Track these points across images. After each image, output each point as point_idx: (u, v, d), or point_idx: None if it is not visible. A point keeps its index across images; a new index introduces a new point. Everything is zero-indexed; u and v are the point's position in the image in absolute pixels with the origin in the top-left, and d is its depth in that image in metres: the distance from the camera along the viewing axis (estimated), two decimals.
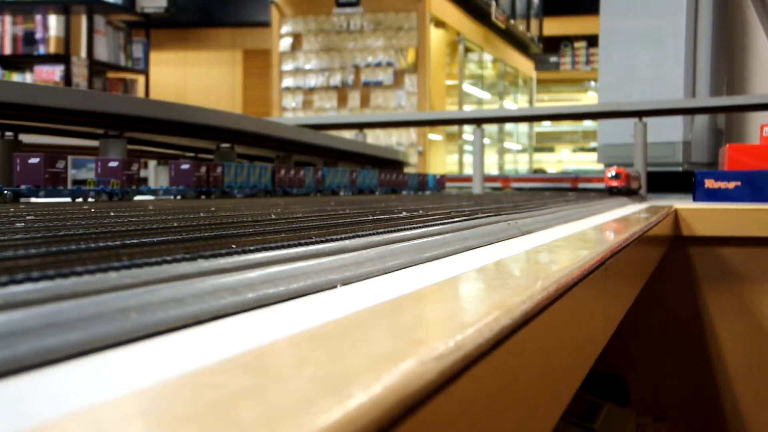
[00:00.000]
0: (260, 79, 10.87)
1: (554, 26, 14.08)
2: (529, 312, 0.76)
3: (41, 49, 8.19)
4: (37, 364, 0.48)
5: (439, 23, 9.57)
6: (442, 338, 0.56)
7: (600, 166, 6.11)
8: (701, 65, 5.75)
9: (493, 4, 10.46)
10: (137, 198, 2.31)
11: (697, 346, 3.41)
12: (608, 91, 6.03)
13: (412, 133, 8.93)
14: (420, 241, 1.18)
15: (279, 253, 0.86)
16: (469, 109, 10.62)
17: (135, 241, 0.87)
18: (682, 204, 3.38)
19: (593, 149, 11.81)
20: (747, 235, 3.22)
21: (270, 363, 0.52)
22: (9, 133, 2.36)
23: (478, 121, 5.22)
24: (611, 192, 3.77)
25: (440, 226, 1.36)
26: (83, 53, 8.18)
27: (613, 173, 3.78)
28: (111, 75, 8.88)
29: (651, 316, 3.45)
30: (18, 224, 1.11)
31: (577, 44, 14.92)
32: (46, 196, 2.01)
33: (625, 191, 3.86)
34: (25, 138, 2.48)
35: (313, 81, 9.18)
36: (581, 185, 5.76)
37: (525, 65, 13.57)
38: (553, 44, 14.67)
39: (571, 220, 2.19)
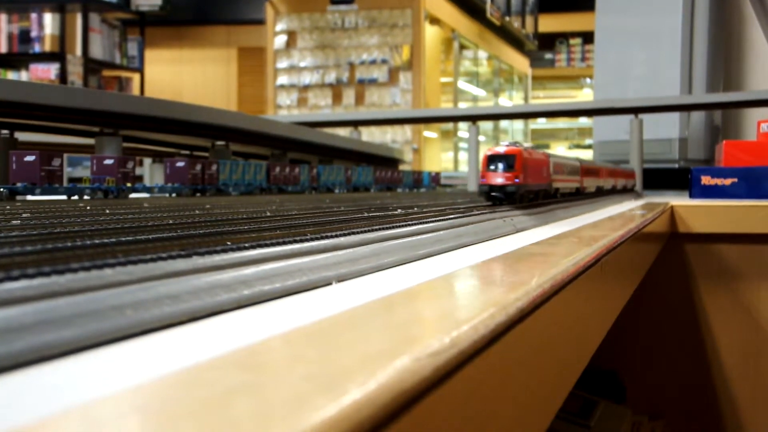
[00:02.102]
0: (255, 77, 10.85)
1: (549, 23, 14.07)
2: (524, 309, 0.76)
3: (36, 48, 8.19)
4: (32, 361, 0.48)
5: (434, 20, 9.56)
6: (436, 335, 0.56)
7: None
8: (697, 61, 5.75)
9: (488, 1, 10.46)
10: (132, 196, 2.31)
11: (694, 344, 3.41)
12: (604, 87, 6.03)
13: (407, 131, 8.93)
14: (415, 238, 1.18)
15: (274, 250, 0.86)
16: (464, 106, 10.62)
17: (130, 238, 0.87)
18: (679, 201, 3.38)
19: (589, 146, 11.82)
20: (744, 231, 3.22)
21: (265, 360, 0.52)
22: (5, 131, 2.36)
23: (473, 118, 5.22)
24: (491, 198, 2.03)
25: (435, 223, 1.36)
26: (78, 51, 8.16)
27: (498, 152, 2.02)
28: (106, 73, 8.87)
29: (647, 314, 3.46)
30: (14, 222, 1.11)
31: (572, 41, 14.92)
32: (41, 193, 2.01)
33: (530, 195, 2.17)
34: (21, 136, 2.48)
35: (307, 78, 9.17)
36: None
37: (520, 62, 13.57)
38: (549, 41, 14.67)
39: (567, 217, 2.19)
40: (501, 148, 2.01)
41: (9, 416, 0.38)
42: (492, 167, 2.00)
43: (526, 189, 2.07)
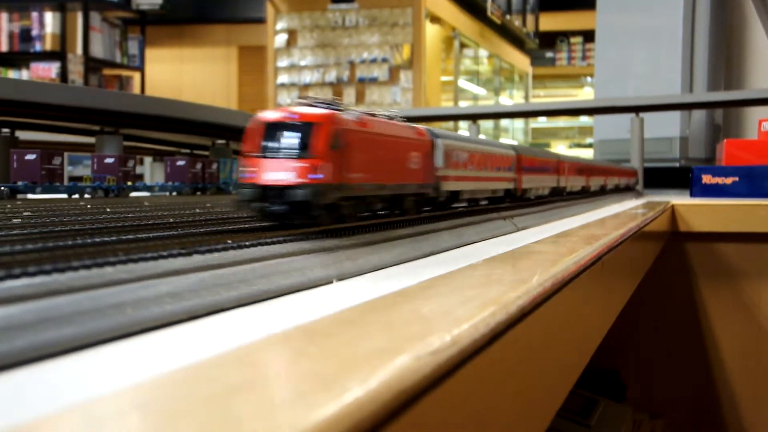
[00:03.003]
0: (255, 76, 10.86)
1: (550, 22, 14.07)
2: (525, 307, 0.76)
3: (37, 46, 8.19)
4: (33, 359, 0.48)
5: (435, 19, 9.56)
6: (437, 333, 0.56)
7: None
8: (698, 60, 5.75)
9: None
10: (133, 194, 2.31)
11: (694, 342, 3.41)
12: (605, 86, 6.02)
13: None
14: (416, 236, 1.18)
15: (275, 249, 0.86)
16: (464, 105, 10.61)
17: (131, 236, 0.87)
18: (679, 200, 3.38)
19: (590, 145, 11.82)
20: (745, 230, 3.21)
21: (266, 358, 0.52)
22: (6, 130, 2.36)
23: (473, 117, 5.22)
24: (264, 213, 1.06)
25: (436, 222, 1.36)
26: (79, 50, 8.16)
27: (282, 118, 1.06)
28: (107, 72, 8.87)
29: (648, 312, 3.45)
30: (15, 220, 1.11)
31: (573, 40, 14.92)
32: (42, 192, 2.01)
33: (360, 206, 1.20)
34: (22, 135, 2.48)
35: (308, 77, 9.17)
36: None
37: (521, 61, 13.57)
38: (549, 40, 14.66)
39: (567, 216, 2.19)
40: (293, 111, 1.08)
41: (11, 413, 0.38)
42: (270, 146, 1.05)
43: (343, 195, 1.09)
